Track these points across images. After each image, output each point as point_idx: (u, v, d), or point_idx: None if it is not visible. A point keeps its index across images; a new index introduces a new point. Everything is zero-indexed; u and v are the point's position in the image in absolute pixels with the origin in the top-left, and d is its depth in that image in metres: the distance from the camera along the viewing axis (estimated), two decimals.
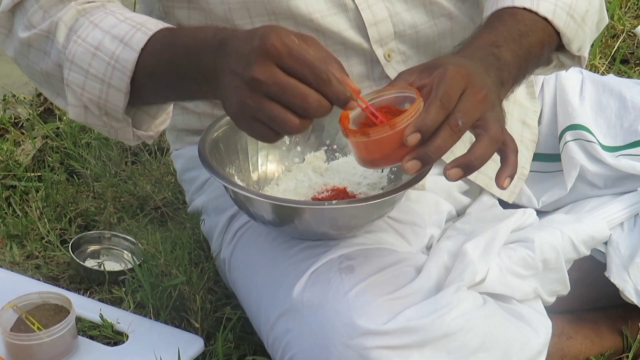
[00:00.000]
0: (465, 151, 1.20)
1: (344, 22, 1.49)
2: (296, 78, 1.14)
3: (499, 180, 1.23)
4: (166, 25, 1.33)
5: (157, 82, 1.31)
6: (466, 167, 1.19)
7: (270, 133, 1.17)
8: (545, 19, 1.40)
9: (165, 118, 1.44)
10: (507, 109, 1.65)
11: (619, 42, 2.70)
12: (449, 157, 1.23)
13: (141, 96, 1.34)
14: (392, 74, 1.53)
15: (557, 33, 1.42)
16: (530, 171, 1.68)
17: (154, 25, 1.32)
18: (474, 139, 1.21)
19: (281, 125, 1.15)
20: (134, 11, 1.69)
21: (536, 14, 1.39)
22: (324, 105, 1.15)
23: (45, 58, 1.39)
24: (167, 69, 1.28)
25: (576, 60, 1.49)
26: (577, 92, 1.73)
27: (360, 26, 1.50)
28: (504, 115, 1.25)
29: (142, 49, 1.29)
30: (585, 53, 1.49)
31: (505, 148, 1.23)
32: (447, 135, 1.17)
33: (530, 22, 1.38)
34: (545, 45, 1.41)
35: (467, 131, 1.20)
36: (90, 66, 1.32)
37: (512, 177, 1.23)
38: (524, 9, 1.39)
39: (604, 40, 2.71)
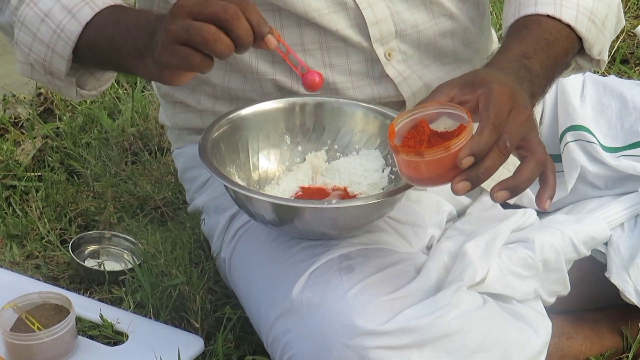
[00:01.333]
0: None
1: (343, 20, 1.49)
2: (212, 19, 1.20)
3: (540, 201, 1.24)
4: (115, 2, 1.40)
5: (97, 54, 1.38)
6: (514, 189, 1.20)
7: (194, 54, 1.21)
8: (568, 26, 1.40)
9: (109, 78, 1.50)
10: None
11: (619, 42, 2.70)
12: None
13: (84, 62, 1.42)
14: (392, 73, 1.53)
15: (579, 38, 1.42)
16: None
17: (102, 2, 1.39)
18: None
19: (197, 34, 1.19)
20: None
21: (559, 21, 1.40)
22: (224, 41, 1.20)
23: (1, 15, 1.47)
24: (107, 44, 1.35)
25: (595, 63, 1.50)
26: (578, 92, 1.73)
27: (361, 25, 1.50)
28: (538, 130, 1.26)
29: (87, 23, 1.37)
30: (605, 56, 1.50)
31: (546, 169, 1.24)
32: (496, 157, 1.18)
33: (555, 30, 1.39)
34: (569, 52, 1.42)
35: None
36: (38, 31, 1.40)
37: (552, 198, 1.25)
38: (547, 16, 1.39)
39: None
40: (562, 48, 1.39)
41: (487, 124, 1.18)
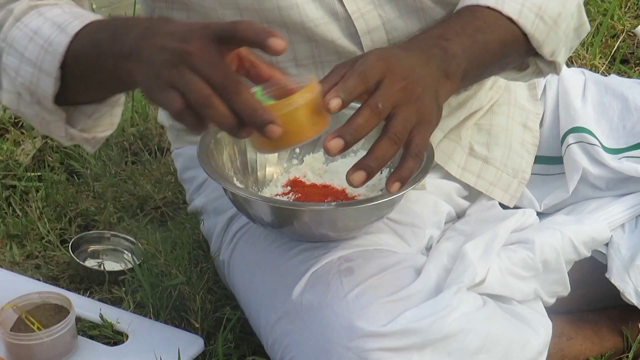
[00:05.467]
0: (462, 156, 1.18)
1: (336, 30, 1.48)
2: (241, 41, 1.13)
3: (387, 182, 1.21)
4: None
5: (82, 65, 1.28)
6: (367, 167, 1.18)
7: (178, 101, 1.11)
8: (510, 19, 1.38)
9: (106, 128, 1.41)
10: (508, 113, 1.66)
11: (618, 42, 2.70)
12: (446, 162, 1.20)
13: (70, 87, 1.31)
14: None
15: (526, 35, 1.40)
16: (532, 174, 1.67)
17: (95, 16, 1.31)
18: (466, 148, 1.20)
19: (191, 89, 1.10)
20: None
21: (500, 13, 1.37)
22: (241, 92, 1.11)
23: None
24: (92, 49, 1.26)
25: (552, 66, 1.47)
26: (579, 93, 1.72)
27: (353, 35, 1.48)
28: (434, 111, 1.23)
29: (76, 34, 1.28)
30: (559, 58, 1.46)
31: (407, 149, 1.21)
32: (368, 115, 1.16)
33: (491, 20, 1.36)
34: (507, 45, 1.38)
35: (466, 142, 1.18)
36: (26, 49, 1.31)
37: (401, 182, 1.21)
38: (488, 7, 1.37)
39: (604, 40, 2.71)
40: (497, 37, 1.36)
41: (350, 73, 1.17)
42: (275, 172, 1.48)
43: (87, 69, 1.27)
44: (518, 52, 1.41)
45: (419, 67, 1.24)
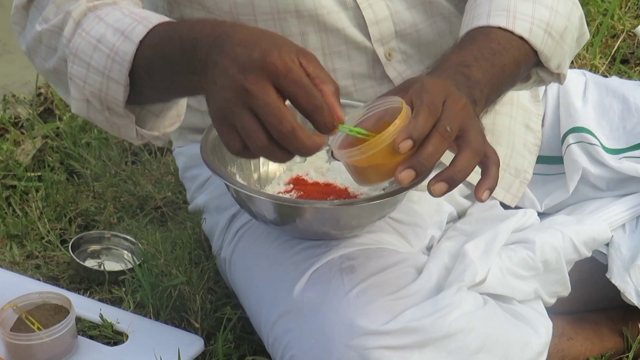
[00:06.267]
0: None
1: (345, 20, 1.49)
2: (289, 99, 1.12)
3: (477, 192, 1.21)
4: (169, 19, 1.31)
5: (153, 75, 1.28)
6: (450, 180, 1.18)
7: (237, 143, 1.14)
8: (522, 38, 1.39)
9: (174, 121, 1.42)
10: (510, 113, 1.66)
11: (619, 42, 2.70)
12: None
13: (141, 91, 1.31)
14: (392, 74, 1.53)
15: (535, 51, 1.41)
16: (533, 174, 1.67)
17: (156, 19, 1.30)
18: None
19: (248, 137, 1.12)
20: None
21: (512, 32, 1.38)
22: (297, 136, 1.11)
23: (53, 54, 1.38)
24: (162, 62, 1.26)
25: (555, 76, 1.48)
26: (580, 94, 1.72)
27: (361, 25, 1.50)
28: (483, 128, 1.24)
29: (141, 42, 1.27)
30: (565, 70, 1.48)
31: (487, 160, 1.22)
32: (438, 142, 1.16)
33: (505, 41, 1.37)
34: (521, 64, 1.39)
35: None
36: (92, 59, 1.30)
37: (491, 190, 1.22)
38: (499, 28, 1.38)
39: (604, 40, 2.71)
40: (512, 58, 1.37)
41: (421, 107, 1.16)
42: (277, 170, 1.48)
43: (158, 79, 1.28)
44: (527, 67, 1.43)
45: (460, 92, 1.25)
